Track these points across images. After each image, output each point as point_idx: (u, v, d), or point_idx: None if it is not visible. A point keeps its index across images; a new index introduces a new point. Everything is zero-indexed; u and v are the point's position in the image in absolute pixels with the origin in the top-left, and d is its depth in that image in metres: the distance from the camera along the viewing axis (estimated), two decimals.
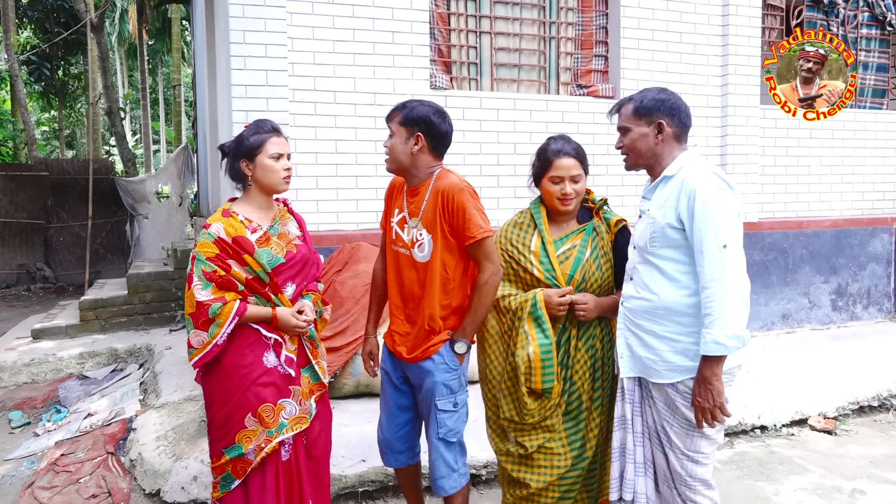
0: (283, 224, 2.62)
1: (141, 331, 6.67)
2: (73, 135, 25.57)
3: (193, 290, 2.39)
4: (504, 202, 5.34)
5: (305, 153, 4.76)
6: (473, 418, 4.09)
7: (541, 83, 5.67)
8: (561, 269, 2.54)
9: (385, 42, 4.91)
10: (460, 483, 2.65)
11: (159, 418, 4.18)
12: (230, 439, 2.47)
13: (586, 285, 2.54)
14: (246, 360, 2.47)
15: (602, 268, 2.56)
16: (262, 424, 2.47)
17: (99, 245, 12.73)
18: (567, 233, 2.61)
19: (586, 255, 2.54)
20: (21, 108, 13.82)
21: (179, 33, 18.40)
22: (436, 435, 2.59)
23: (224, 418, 2.47)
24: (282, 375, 2.53)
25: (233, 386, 2.45)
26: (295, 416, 2.55)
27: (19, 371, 5.70)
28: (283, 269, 2.53)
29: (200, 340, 2.41)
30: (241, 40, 4.48)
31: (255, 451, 2.47)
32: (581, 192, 2.60)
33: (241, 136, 2.54)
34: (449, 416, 2.58)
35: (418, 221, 2.55)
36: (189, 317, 2.42)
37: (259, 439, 2.47)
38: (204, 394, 2.57)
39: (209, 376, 2.51)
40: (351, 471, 3.47)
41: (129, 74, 31.20)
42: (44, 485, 3.73)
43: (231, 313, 2.39)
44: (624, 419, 2.45)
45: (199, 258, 2.42)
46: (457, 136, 5.11)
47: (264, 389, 2.48)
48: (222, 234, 2.44)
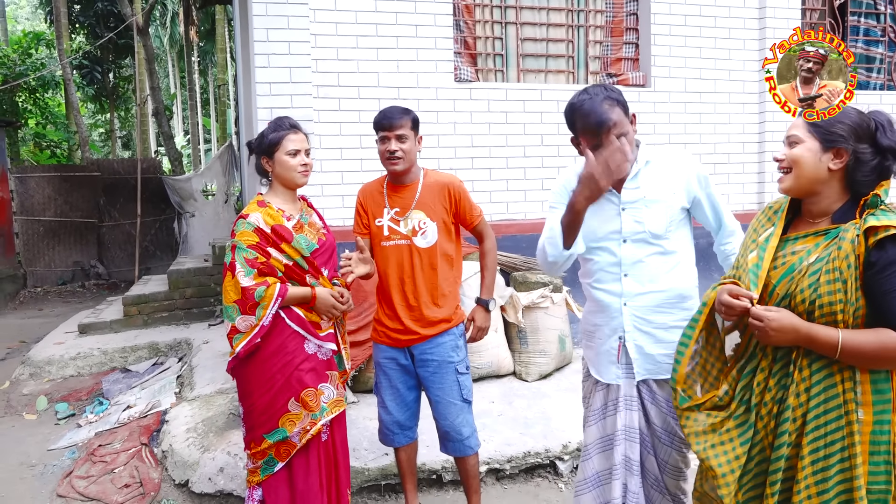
0: (309, 216, 2.76)
1: (181, 325, 6.84)
2: (129, 136, 26.39)
3: (237, 277, 2.48)
4: (531, 194, 5.28)
5: (330, 149, 4.80)
6: (499, 412, 4.10)
7: (569, 73, 5.58)
8: (769, 275, 1.86)
9: (408, 35, 4.91)
10: (479, 441, 3.00)
11: (191, 411, 4.29)
12: (273, 424, 2.57)
13: (791, 303, 1.78)
14: (289, 346, 2.57)
15: (822, 287, 1.73)
16: (306, 408, 2.57)
17: (149, 242, 13.13)
18: (806, 232, 1.87)
19: (802, 266, 1.79)
20: (74, 110, 14.33)
21: (224, 34, 18.78)
22: (460, 397, 2.89)
23: (267, 404, 2.57)
24: (321, 361, 2.63)
25: (277, 372, 2.55)
26: (333, 400, 2.67)
27: (66, 364, 5.92)
28: (318, 255, 2.66)
29: (249, 324, 2.51)
30: (265, 38, 4.54)
31: (300, 434, 2.57)
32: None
33: (261, 135, 2.66)
34: (466, 377, 2.93)
35: (415, 211, 2.83)
36: (234, 304, 2.50)
37: (304, 422, 2.57)
38: (240, 383, 2.65)
39: (250, 364, 2.58)
40: (374, 464, 3.50)
41: (180, 76, 32.01)
42: (81, 474, 3.87)
43: (274, 295, 2.50)
44: (632, 429, 2.31)
45: (240, 246, 2.51)
46: (482, 128, 5.17)
47: (306, 375, 2.58)
48: (261, 223, 2.54)
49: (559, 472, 3.69)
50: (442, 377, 2.88)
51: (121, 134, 24.41)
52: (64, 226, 12.68)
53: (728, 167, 5.78)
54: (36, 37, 17.23)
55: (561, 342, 4.73)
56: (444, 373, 2.87)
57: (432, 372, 2.88)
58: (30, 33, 17.67)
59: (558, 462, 3.71)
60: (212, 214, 12.06)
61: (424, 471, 3.49)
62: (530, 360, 4.63)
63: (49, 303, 10.97)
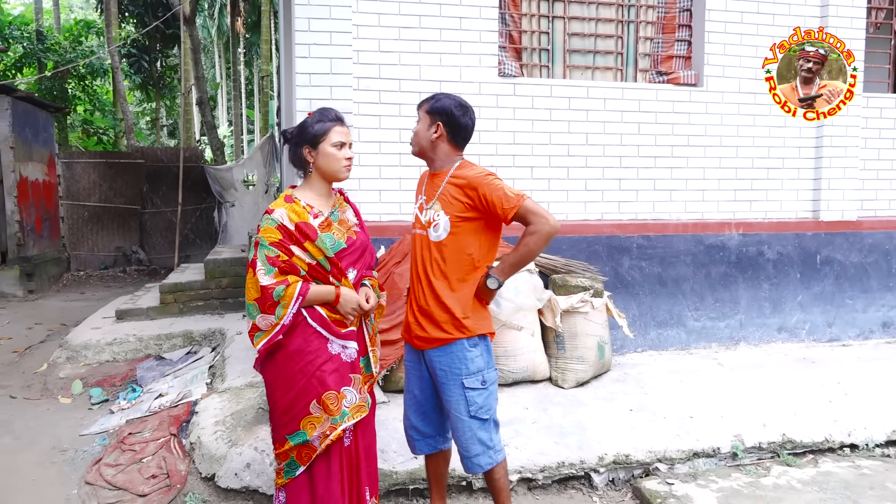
0: (342, 211, 2.65)
1: (216, 315, 6.85)
2: (175, 125, 26.84)
3: (258, 275, 2.41)
4: (574, 195, 5.12)
5: (369, 142, 4.71)
6: (533, 419, 3.97)
7: (617, 70, 5.39)
8: None
9: (452, 28, 4.78)
10: (496, 459, 2.72)
11: (220, 403, 4.25)
12: (295, 425, 2.49)
13: None
14: (311, 346, 2.48)
15: None
16: (327, 412, 2.48)
17: (189, 230, 13.31)
18: None
19: None
20: (121, 98, 14.58)
21: (269, 25, 18.92)
22: (467, 413, 2.65)
23: (288, 404, 2.49)
24: (345, 363, 2.53)
25: (298, 372, 2.47)
26: (355, 405, 2.56)
27: (102, 350, 5.97)
28: (345, 255, 2.55)
29: (268, 323, 2.43)
30: (307, 28, 4.47)
31: (319, 438, 2.48)
32: None
33: (305, 124, 2.56)
34: (478, 393, 2.66)
35: (435, 202, 2.68)
36: (254, 302, 2.43)
37: (324, 426, 2.48)
38: (266, 380, 2.58)
39: (273, 362, 2.51)
40: (402, 467, 3.40)
41: (226, 67, 32.46)
42: (110, 462, 3.86)
43: (295, 294, 2.41)
44: None
45: (263, 243, 2.43)
46: (525, 125, 5.02)
47: (328, 376, 2.48)
48: (285, 220, 2.45)
49: (594, 485, 3.56)
50: (449, 389, 2.69)
51: (167, 123, 24.83)
52: (108, 211, 12.92)
53: (782, 172, 5.52)
54: (86, 25, 17.62)
55: (600, 349, 4.57)
56: (450, 384, 2.68)
57: (440, 382, 2.72)
58: (81, 21, 18.08)
59: (593, 474, 3.57)
60: (251, 204, 12.14)
61: (454, 476, 3.38)
62: (567, 366, 4.48)
63: (91, 287, 11.18)
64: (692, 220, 5.34)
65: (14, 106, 10.26)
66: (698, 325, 5.41)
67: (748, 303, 5.51)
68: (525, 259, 2.63)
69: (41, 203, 11.28)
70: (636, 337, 5.16)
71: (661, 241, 5.23)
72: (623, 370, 4.85)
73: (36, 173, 11.12)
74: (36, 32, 15.29)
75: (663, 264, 5.25)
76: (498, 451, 2.75)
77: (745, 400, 4.31)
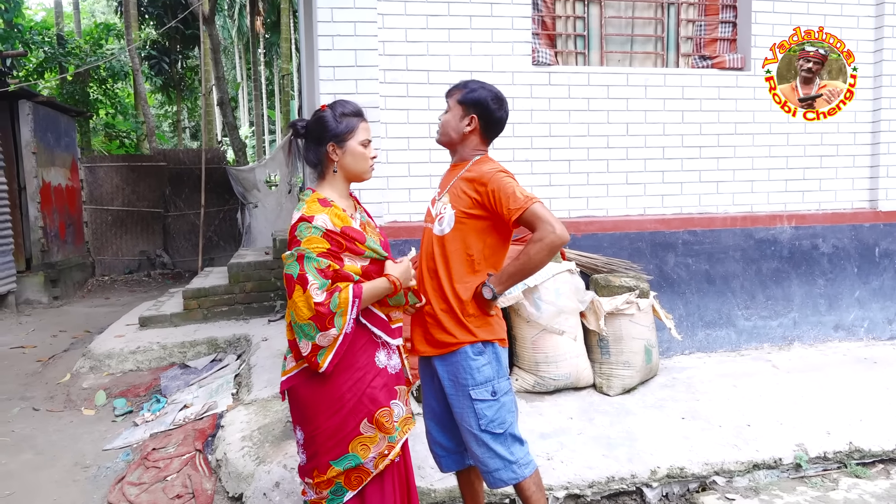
0: (362, 213, 2.45)
1: (241, 320, 6.68)
2: (197, 126, 26.93)
3: (310, 290, 2.10)
4: (614, 189, 4.83)
5: (396, 138, 4.46)
6: (578, 430, 3.71)
7: (657, 55, 5.08)
8: None
9: (483, 15, 4.51)
10: (522, 473, 2.49)
11: (247, 416, 4.05)
12: (342, 449, 2.23)
13: None
14: (359, 361, 2.24)
15: None
16: (382, 430, 2.25)
17: (212, 233, 13.22)
18: None
19: None
20: (142, 101, 14.54)
21: (288, 24, 18.79)
22: (478, 427, 2.45)
23: (336, 427, 2.23)
24: (391, 375, 2.32)
25: (347, 391, 2.21)
26: (403, 418, 2.35)
27: (125, 358, 5.82)
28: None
29: (330, 338, 2.14)
30: (329, 18, 4.23)
31: (374, 461, 2.25)
32: None
33: (325, 118, 2.30)
34: (488, 405, 2.45)
35: (445, 194, 2.54)
36: (310, 321, 2.12)
37: (380, 446, 2.25)
38: (299, 406, 2.29)
39: (313, 384, 2.23)
40: (440, 485, 3.18)
41: (246, 67, 32.53)
42: (133, 480, 3.69)
43: (350, 298, 2.14)
44: None
45: (310, 256, 2.13)
46: (561, 116, 4.73)
47: (379, 392, 2.26)
48: (330, 227, 2.18)
49: (647, 501, 3.33)
50: (457, 401, 2.49)
51: (189, 125, 24.88)
52: (131, 215, 12.87)
53: (836, 160, 5.18)
54: (106, 28, 17.64)
55: (647, 353, 4.29)
56: (458, 396, 2.49)
57: (448, 394, 2.52)
58: (100, 24, 18.09)
59: (645, 489, 3.33)
60: (274, 205, 12.02)
61: (497, 493, 3.15)
62: (613, 371, 4.21)
63: (116, 291, 11.12)
64: (741, 214, 5.03)
65: (36, 111, 10.19)
66: (749, 324, 5.10)
67: (802, 300, 5.18)
68: (525, 270, 2.39)
69: (64, 208, 11.24)
70: (683, 339, 4.87)
71: (708, 237, 4.92)
72: (671, 374, 4.56)
73: (59, 178, 11.07)
74: (57, 37, 15.31)
75: (711, 261, 4.95)
76: (523, 465, 2.50)
77: (804, 405, 4.02)
